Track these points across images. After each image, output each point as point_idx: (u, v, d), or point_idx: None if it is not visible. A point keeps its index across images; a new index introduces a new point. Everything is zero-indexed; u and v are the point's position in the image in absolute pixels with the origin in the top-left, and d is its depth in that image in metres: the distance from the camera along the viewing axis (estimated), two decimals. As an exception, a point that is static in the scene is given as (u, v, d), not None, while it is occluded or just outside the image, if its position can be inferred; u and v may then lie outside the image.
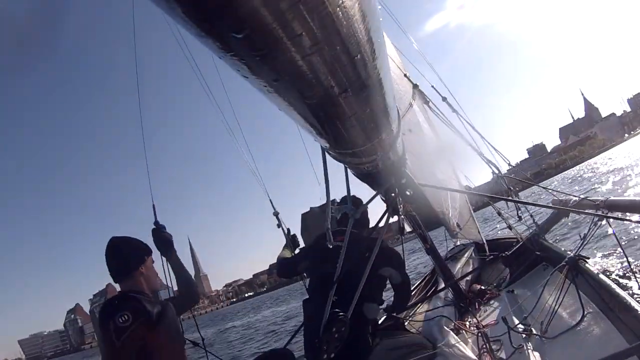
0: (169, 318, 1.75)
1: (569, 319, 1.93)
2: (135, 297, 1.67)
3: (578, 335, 1.80)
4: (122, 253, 1.83)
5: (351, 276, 1.76)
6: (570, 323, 1.88)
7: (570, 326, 1.86)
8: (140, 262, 1.82)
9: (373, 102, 1.01)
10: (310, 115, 0.98)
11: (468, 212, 4.43)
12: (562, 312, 1.99)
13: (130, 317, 1.54)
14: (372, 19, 0.76)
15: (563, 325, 1.90)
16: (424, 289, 4.20)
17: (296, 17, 0.61)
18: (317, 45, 0.69)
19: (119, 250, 1.83)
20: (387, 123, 1.23)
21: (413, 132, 3.35)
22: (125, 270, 1.80)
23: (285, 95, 0.87)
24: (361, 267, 1.76)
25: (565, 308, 2.00)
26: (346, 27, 0.70)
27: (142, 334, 1.58)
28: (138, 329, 1.55)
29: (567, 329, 1.86)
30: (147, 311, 1.62)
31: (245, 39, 0.63)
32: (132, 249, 1.85)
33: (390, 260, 2.27)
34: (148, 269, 1.85)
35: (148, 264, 1.86)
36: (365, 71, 0.85)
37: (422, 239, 3.22)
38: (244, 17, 0.59)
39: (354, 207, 1.75)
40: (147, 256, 1.88)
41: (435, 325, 2.38)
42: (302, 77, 0.77)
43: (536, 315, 2.11)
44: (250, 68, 0.73)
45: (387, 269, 2.23)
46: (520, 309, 2.41)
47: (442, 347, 2.08)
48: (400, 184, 1.77)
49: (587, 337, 1.75)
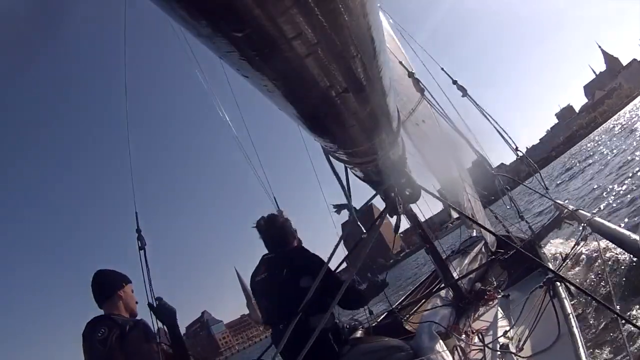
0: (133, 335, 1.98)
1: (544, 338, 1.96)
2: (110, 317, 1.98)
3: (549, 357, 1.84)
4: (101, 281, 2.13)
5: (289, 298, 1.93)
6: (545, 344, 1.92)
7: (544, 347, 1.90)
8: (117, 288, 2.10)
9: (373, 101, 1.01)
10: (310, 115, 0.98)
11: (481, 206, 4.46)
12: (541, 331, 2.03)
13: (106, 330, 1.85)
14: (372, 17, 0.76)
15: (538, 345, 1.95)
16: (428, 287, 4.22)
17: (296, 16, 0.62)
18: (317, 45, 0.69)
19: (99, 279, 2.14)
20: (388, 122, 1.23)
21: (426, 123, 3.37)
22: (103, 296, 2.09)
23: (286, 94, 0.87)
24: (287, 288, 1.97)
25: (545, 326, 2.03)
26: (347, 26, 0.70)
27: (117, 345, 1.85)
28: (114, 340, 1.83)
29: (540, 350, 1.90)
30: (119, 325, 1.91)
31: (246, 38, 0.63)
32: (110, 278, 2.16)
33: (307, 268, 2.16)
34: (126, 294, 2.13)
35: (126, 290, 2.14)
36: (365, 70, 0.85)
37: (423, 239, 3.23)
38: (244, 16, 0.59)
39: (354, 207, 1.76)
40: (125, 284, 2.16)
41: (426, 330, 2.38)
42: (302, 77, 0.77)
43: (517, 329, 2.16)
44: (251, 67, 0.74)
45: (306, 278, 2.12)
46: (507, 319, 2.44)
47: (427, 353, 2.09)
48: (400, 184, 1.78)
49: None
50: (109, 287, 2.12)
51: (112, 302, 2.08)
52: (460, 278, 3.31)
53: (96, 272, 2.23)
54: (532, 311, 2.12)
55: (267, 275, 2.15)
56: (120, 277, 2.19)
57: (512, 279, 3.14)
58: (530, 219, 5.81)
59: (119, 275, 2.20)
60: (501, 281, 3.40)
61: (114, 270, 2.23)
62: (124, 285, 2.15)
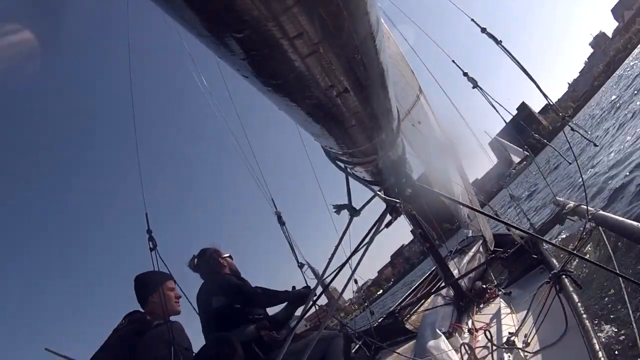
0: (154, 336, 2.05)
1: (552, 333, 1.95)
2: (136, 313, 2.06)
3: (556, 352, 1.82)
4: (137, 285, 2.21)
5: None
6: (552, 339, 1.91)
7: (551, 342, 1.89)
8: (150, 292, 2.17)
9: (374, 101, 1.00)
10: (310, 115, 0.97)
11: (478, 205, 4.47)
12: (548, 325, 2.02)
13: (126, 322, 1.97)
14: (373, 15, 0.76)
15: (545, 340, 1.94)
16: (428, 285, 4.22)
17: (298, 15, 0.61)
18: (318, 44, 0.68)
19: (136, 283, 2.22)
20: (388, 122, 1.23)
21: (422, 124, 3.37)
22: (139, 299, 2.18)
23: (286, 95, 0.86)
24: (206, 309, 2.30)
25: (552, 321, 2.02)
26: (348, 25, 0.70)
27: (133, 337, 1.91)
28: (130, 331, 1.93)
29: (547, 345, 1.89)
30: (140, 319, 2.01)
31: (246, 38, 0.63)
32: (144, 282, 2.23)
33: (218, 289, 2.45)
34: (160, 296, 2.18)
35: (160, 293, 2.18)
36: (366, 70, 0.85)
37: (423, 238, 3.23)
38: (244, 17, 0.59)
39: (354, 207, 1.75)
40: (160, 285, 2.19)
41: (429, 329, 2.38)
42: (303, 77, 0.76)
43: (523, 325, 2.15)
44: (251, 67, 0.73)
45: (217, 298, 2.40)
46: (511, 316, 2.43)
47: (432, 351, 2.08)
48: (400, 184, 1.77)
49: (564, 356, 1.77)
50: (142, 292, 2.18)
51: (147, 305, 2.14)
52: (461, 277, 3.31)
53: (135, 277, 2.28)
54: (537, 307, 2.11)
55: (198, 300, 2.46)
56: (152, 280, 2.21)
57: (513, 276, 3.14)
58: (531, 216, 5.78)
59: (150, 279, 2.22)
60: (502, 279, 3.41)
61: (148, 273, 2.22)
62: (157, 288, 2.17)
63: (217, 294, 2.40)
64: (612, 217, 2.61)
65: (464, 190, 4.16)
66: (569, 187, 9.80)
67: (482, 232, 4.42)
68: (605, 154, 9.57)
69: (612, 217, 2.61)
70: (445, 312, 2.73)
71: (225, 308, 2.35)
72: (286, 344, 1.35)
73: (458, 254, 4.34)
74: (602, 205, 5.71)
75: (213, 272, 2.62)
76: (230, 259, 2.74)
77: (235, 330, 2.28)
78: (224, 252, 2.75)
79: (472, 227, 4.42)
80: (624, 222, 2.39)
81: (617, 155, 8.53)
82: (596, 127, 16.72)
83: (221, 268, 2.64)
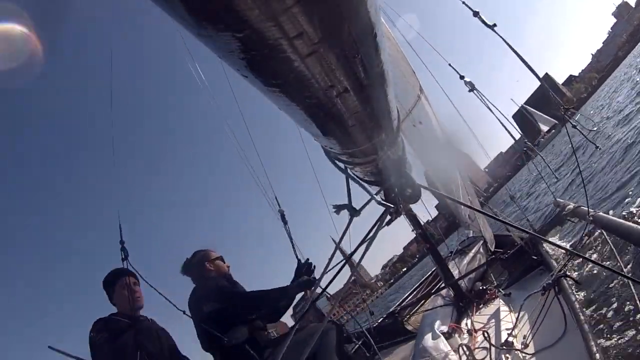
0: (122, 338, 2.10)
1: (551, 334, 1.95)
2: (103, 319, 2.12)
3: (555, 354, 1.82)
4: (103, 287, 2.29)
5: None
6: (550, 340, 1.91)
7: (550, 344, 1.89)
8: (109, 293, 2.25)
9: (374, 101, 1.00)
10: (310, 115, 0.97)
11: (478, 206, 4.47)
12: (547, 326, 2.01)
13: (95, 334, 2.01)
14: (373, 14, 0.76)
15: (544, 341, 1.93)
16: (428, 285, 4.23)
17: (298, 15, 0.61)
18: (318, 45, 0.68)
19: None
20: (388, 122, 1.23)
21: (424, 124, 3.37)
22: (109, 299, 2.25)
23: (286, 94, 0.86)
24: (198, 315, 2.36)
25: (551, 322, 2.02)
26: (349, 25, 0.70)
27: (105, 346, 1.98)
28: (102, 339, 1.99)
29: (546, 346, 1.89)
30: (107, 329, 2.06)
31: (246, 38, 0.63)
32: (103, 283, 2.29)
33: (207, 297, 2.47)
34: (117, 295, 2.23)
35: (117, 291, 2.23)
36: (366, 69, 0.85)
37: (423, 238, 3.23)
38: (244, 16, 0.59)
39: (354, 207, 1.75)
40: (114, 285, 2.24)
41: (428, 330, 2.38)
42: (303, 77, 0.76)
43: (522, 327, 2.15)
44: (251, 67, 0.73)
45: (209, 304, 2.42)
46: (510, 317, 2.43)
47: (431, 352, 2.08)
48: (400, 184, 1.77)
49: (563, 358, 1.77)
50: (107, 292, 2.25)
51: (114, 304, 2.22)
52: (460, 278, 3.31)
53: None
54: (537, 308, 2.12)
55: (189, 305, 2.48)
56: (106, 281, 2.28)
57: (513, 277, 3.14)
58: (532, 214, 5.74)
59: (106, 280, 2.28)
60: (502, 280, 3.41)
61: (109, 272, 2.29)
62: (113, 288, 2.24)
63: (207, 300, 2.42)
64: (612, 218, 2.60)
65: (465, 192, 4.16)
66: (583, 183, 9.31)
67: (482, 232, 4.42)
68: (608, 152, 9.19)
69: (612, 218, 2.61)
70: (445, 313, 2.73)
71: (217, 312, 2.36)
72: (286, 343, 1.35)
73: (458, 255, 4.34)
74: (602, 205, 5.70)
75: (201, 277, 2.61)
76: (221, 260, 2.70)
77: (228, 333, 2.28)
78: (213, 254, 2.71)
79: (472, 227, 4.42)
80: (623, 224, 2.39)
81: (618, 155, 8.46)
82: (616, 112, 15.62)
83: (208, 273, 2.63)
